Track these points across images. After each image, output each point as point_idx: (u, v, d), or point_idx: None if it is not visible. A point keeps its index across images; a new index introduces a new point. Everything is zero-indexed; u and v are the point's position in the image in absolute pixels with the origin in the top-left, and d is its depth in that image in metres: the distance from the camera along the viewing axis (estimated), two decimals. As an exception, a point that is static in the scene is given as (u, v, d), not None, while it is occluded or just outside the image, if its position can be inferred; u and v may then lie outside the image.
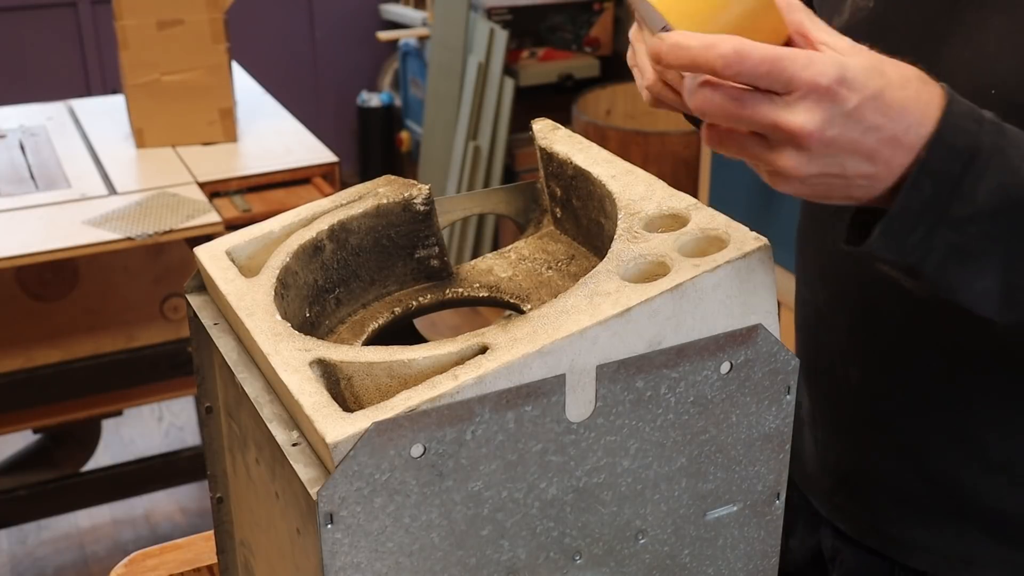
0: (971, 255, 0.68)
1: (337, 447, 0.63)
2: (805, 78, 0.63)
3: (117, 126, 2.85)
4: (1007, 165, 0.66)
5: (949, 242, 0.67)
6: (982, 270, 0.69)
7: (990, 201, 0.66)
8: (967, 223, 0.67)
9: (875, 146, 0.66)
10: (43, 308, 2.48)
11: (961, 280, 0.70)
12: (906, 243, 0.68)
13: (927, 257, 0.68)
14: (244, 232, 0.86)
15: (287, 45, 4.56)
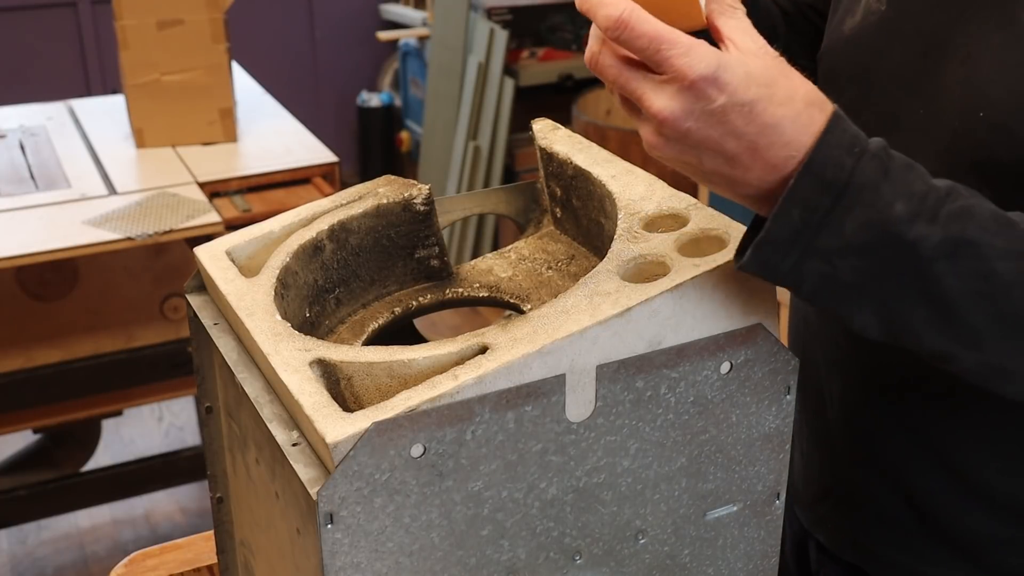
0: (844, 288, 0.67)
1: (337, 447, 0.63)
2: (676, 65, 0.63)
3: (117, 126, 2.85)
4: (878, 203, 0.65)
5: (820, 272, 0.67)
6: (860, 303, 0.68)
7: (859, 237, 0.65)
8: (836, 256, 0.66)
9: (735, 151, 0.65)
10: (43, 308, 2.48)
11: (842, 310, 0.69)
12: (778, 268, 0.67)
13: (801, 285, 0.68)
14: (244, 232, 0.86)
15: (287, 45, 4.56)
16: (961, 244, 0.66)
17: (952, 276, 0.66)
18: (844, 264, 0.66)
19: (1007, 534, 0.91)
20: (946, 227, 0.66)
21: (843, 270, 0.66)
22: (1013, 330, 0.67)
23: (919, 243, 0.65)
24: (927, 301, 0.67)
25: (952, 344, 0.68)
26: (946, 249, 0.65)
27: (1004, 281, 0.66)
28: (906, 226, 0.65)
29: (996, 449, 0.89)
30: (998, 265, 0.66)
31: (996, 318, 0.67)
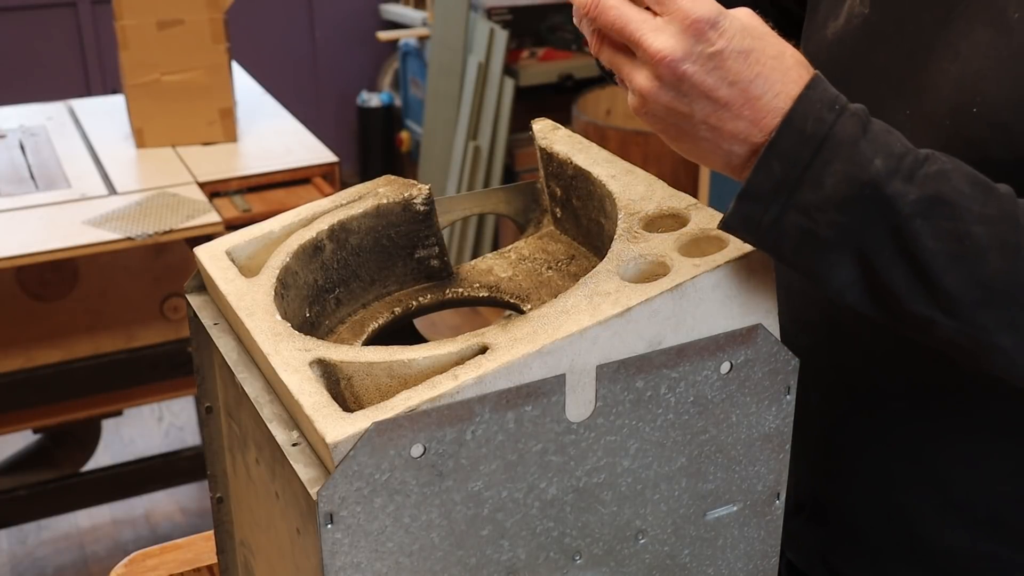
0: (824, 243, 0.67)
1: (337, 447, 0.63)
2: (680, 4, 0.65)
3: (117, 126, 2.85)
4: (857, 158, 0.66)
5: (801, 227, 0.67)
6: (839, 260, 0.68)
7: (838, 190, 0.66)
8: (815, 210, 0.66)
9: (728, 98, 0.66)
10: (43, 308, 2.48)
11: (822, 269, 0.69)
12: (760, 223, 0.68)
13: (782, 241, 0.68)
14: (244, 232, 0.86)
15: (287, 45, 4.56)
16: (937, 204, 0.66)
17: (928, 236, 0.66)
18: (824, 218, 0.66)
19: (987, 550, 0.90)
20: (923, 186, 0.66)
21: (823, 225, 0.66)
22: (988, 295, 0.67)
23: (896, 199, 0.65)
24: (905, 259, 0.67)
25: (930, 308, 0.68)
26: (922, 208, 0.66)
27: (979, 244, 0.66)
28: (884, 182, 0.65)
29: (978, 463, 0.88)
30: (974, 228, 0.66)
31: (972, 282, 0.67)
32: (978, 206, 0.67)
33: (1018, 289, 0.67)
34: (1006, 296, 0.67)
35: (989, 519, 0.90)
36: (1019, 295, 0.67)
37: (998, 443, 0.87)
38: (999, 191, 0.68)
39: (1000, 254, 0.66)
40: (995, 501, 0.89)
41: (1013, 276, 0.66)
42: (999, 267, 0.66)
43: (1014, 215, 0.67)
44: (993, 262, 0.66)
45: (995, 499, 0.89)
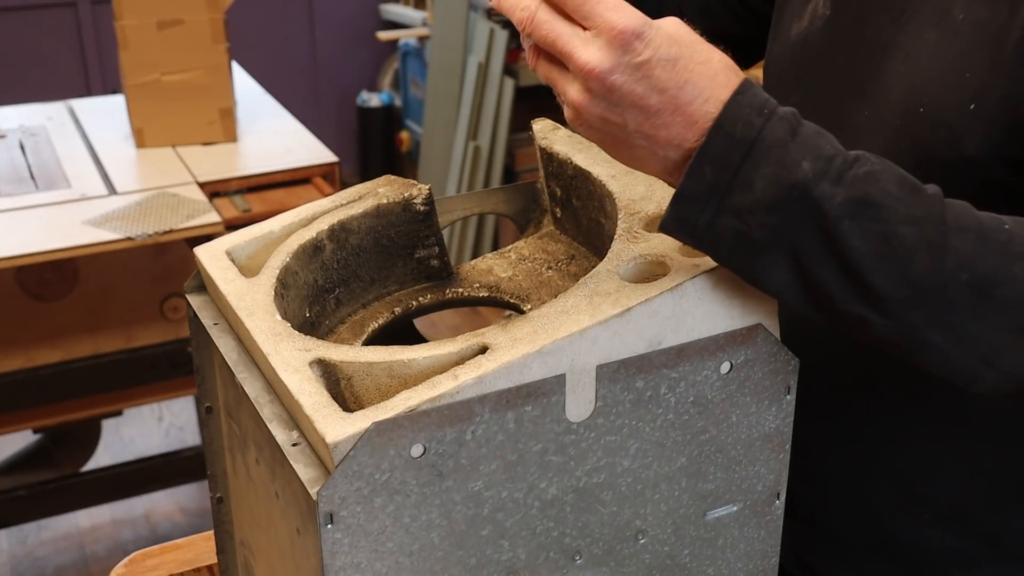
0: (757, 245, 0.68)
1: (337, 447, 0.63)
2: (606, 17, 0.65)
3: (117, 126, 2.85)
4: (785, 161, 0.67)
5: (734, 229, 0.68)
6: (774, 262, 0.68)
7: (767, 193, 0.66)
8: (747, 213, 0.67)
9: (658, 106, 0.67)
10: (43, 308, 2.48)
11: (758, 270, 0.69)
12: (696, 226, 0.68)
13: (718, 244, 0.69)
14: (244, 232, 0.86)
15: (287, 45, 4.56)
16: (864, 205, 0.67)
17: (855, 236, 0.67)
18: (755, 221, 0.67)
19: (953, 544, 0.91)
20: (851, 188, 0.67)
21: (755, 227, 0.67)
22: (917, 294, 0.67)
23: (823, 201, 0.66)
24: (835, 260, 0.67)
25: (862, 307, 0.68)
26: (849, 209, 0.66)
27: (905, 245, 0.67)
28: (812, 184, 0.66)
29: (938, 460, 0.89)
30: (900, 228, 0.67)
31: (900, 282, 0.67)
32: (904, 207, 0.67)
33: (944, 288, 0.67)
34: (933, 295, 0.67)
35: (953, 515, 0.91)
36: (946, 293, 0.67)
37: (955, 440, 0.89)
38: (926, 191, 0.69)
39: (926, 254, 0.67)
40: (957, 497, 0.90)
41: (939, 275, 0.67)
42: (925, 267, 0.67)
43: (940, 215, 0.68)
44: (919, 262, 0.67)
45: (957, 495, 0.90)
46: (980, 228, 0.68)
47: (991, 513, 0.91)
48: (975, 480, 0.90)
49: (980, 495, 0.90)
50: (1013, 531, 0.91)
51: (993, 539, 0.92)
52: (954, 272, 0.67)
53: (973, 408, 0.87)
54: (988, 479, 0.90)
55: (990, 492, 0.90)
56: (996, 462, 0.89)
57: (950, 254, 0.67)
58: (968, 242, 0.68)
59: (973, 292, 0.67)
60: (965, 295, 0.67)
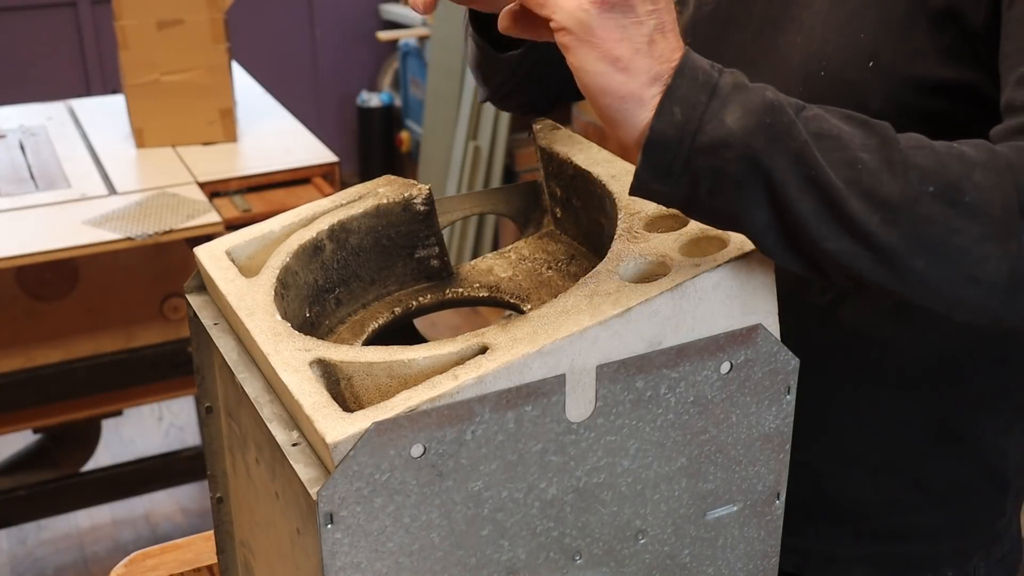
0: (735, 181, 0.69)
1: (337, 447, 0.63)
2: None
3: (117, 126, 2.85)
4: (750, 95, 0.69)
5: (711, 168, 0.68)
6: (753, 199, 0.69)
7: (739, 123, 0.68)
8: (722, 147, 0.68)
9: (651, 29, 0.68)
10: (43, 308, 2.48)
11: (739, 210, 0.70)
12: (671, 171, 0.69)
13: (695, 185, 0.69)
14: (244, 232, 0.86)
15: (287, 45, 4.56)
16: (823, 136, 0.69)
17: (824, 165, 0.68)
18: (731, 154, 0.68)
19: (887, 497, 0.97)
20: (807, 123, 0.69)
21: (731, 161, 0.68)
22: (891, 214, 0.68)
23: (793, 127, 0.68)
24: (811, 188, 0.68)
25: (841, 240, 0.69)
26: (813, 139, 0.68)
27: (870, 168, 0.69)
28: (779, 111, 0.68)
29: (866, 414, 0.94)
30: (861, 155, 0.69)
31: (873, 203, 0.68)
32: (859, 138, 0.70)
33: (915, 202, 0.68)
34: (906, 211, 0.68)
35: (885, 465, 0.96)
36: (917, 208, 0.68)
37: (882, 393, 0.93)
38: (872, 122, 0.71)
39: (890, 174, 0.68)
40: (886, 449, 0.95)
41: (907, 190, 0.68)
42: (893, 185, 0.68)
43: (893, 138, 0.70)
44: (886, 182, 0.68)
45: (887, 446, 0.95)
46: (933, 146, 0.70)
47: (920, 459, 0.95)
48: (902, 430, 0.94)
49: (907, 444, 0.95)
50: (939, 474, 0.96)
51: (924, 484, 0.97)
52: (920, 185, 0.68)
53: (898, 360, 0.92)
54: (914, 428, 0.94)
55: (917, 439, 0.95)
56: (921, 410, 0.94)
57: (913, 170, 0.69)
58: (927, 158, 0.69)
59: (942, 202, 0.69)
60: (936, 207, 0.68)
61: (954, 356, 0.92)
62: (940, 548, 1.00)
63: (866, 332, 0.92)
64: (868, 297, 0.90)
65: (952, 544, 1.00)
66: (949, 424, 0.94)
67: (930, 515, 0.98)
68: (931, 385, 0.93)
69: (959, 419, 0.94)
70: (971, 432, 0.95)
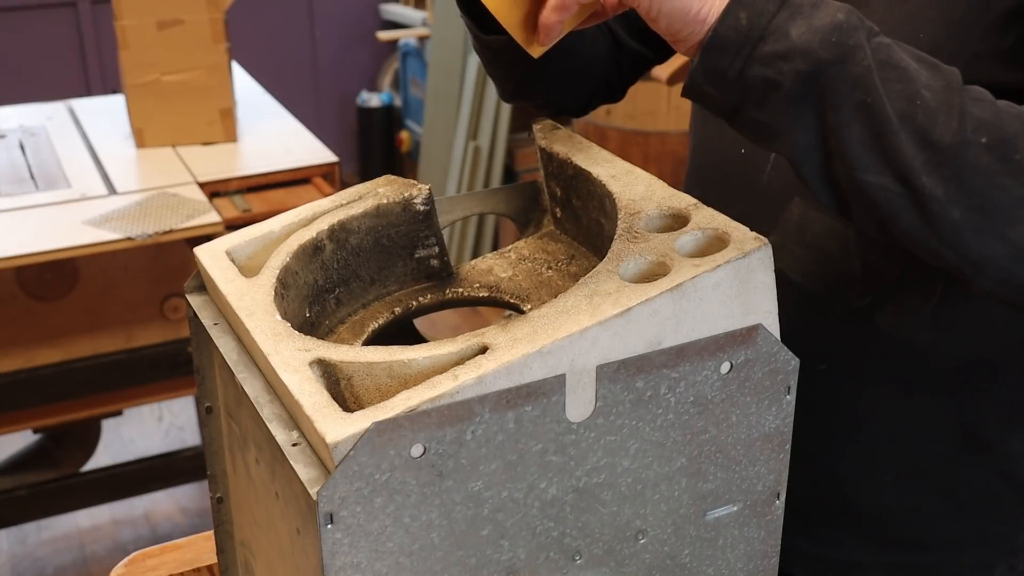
0: (788, 95, 0.68)
1: (337, 447, 0.63)
2: None
3: (117, 126, 2.85)
4: (821, 12, 0.68)
5: (765, 79, 0.68)
6: (801, 118, 0.69)
7: (805, 39, 0.67)
8: (781, 60, 0.67)
9: None
10: (43, 308, 2.48)
11: (783, 126, 0.70)
12: (724, 75, 0.69)
13: (747, 94, 0.69)
14: (244, 232, 0.86)
15: (287, 45, 4.56)
16: (889, 67, 0.68)
17: (883, 93, 0.68)
18: (789, 68, 0.67)
19: (912, 503, 0.95)
20: (876, 51, 0.68)
21: (788, 76, 0.68)
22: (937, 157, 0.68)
23: (858, 50, 0.67)
24: (862, 115, 0.68)
25: (881, 174, 0.69)
26: (878, 66, 0.68)
27: (928, 106, 0.68)
28: (849, 32, 0.68)
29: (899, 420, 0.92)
30: (923, 91, 0.68)
31: (922, 142, 0.68)
32: (924, 76, 0.69)
33: (965, 149, 0.68)
34: (954, 156, 0.68)
35: (912, 472, 0.94)
36: (967, 155, 0.68)
37: (913, 401, 0.91)
38: (942, 66, 0.71)
39: (947, 116, 0.68)
40: (916, 455, 0.93)
41: (960, 136, 0.68)
42: (947, 128, 0.68)
43: (958, 83, 0.70)
44: (941, 123, 0.68)
45: (916, 454, 0.93)
46: (995, 101, 0.70)
47: (947, 468, 0.94)
48: (933, 438, 0.92)
49: (935, 452, 0.93)
50: (965, 484, 0.94)
51: (949, 493, 0.95)
52: (974, 135, 0.68)
53: (932, 367, 0.90)
54: (942, 436, 0.92)
55: (946, 448, 0.93)
56: (950, 419, 0.92)
57: (969, 118, 0.68)
58: (986, 110, 0.69)
59: (992, 155, 0.68)
60: (985, 158, 0.68)
61: (988, 364, 0.90)
62: (961, 559, 0.98)
63: (902, 337, 0.89)
64: (907, 301, 0.88)
65: (974, 555, 0.98)
66: (977, 434, 0.92)
67: (953, 525, 0.96)
68: (962, 393, 0.91)
69: (988, 429, 0.92)
70: (999, 443, 0.93)
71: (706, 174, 1.02)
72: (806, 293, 0.91)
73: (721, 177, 0.98)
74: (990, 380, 0.91)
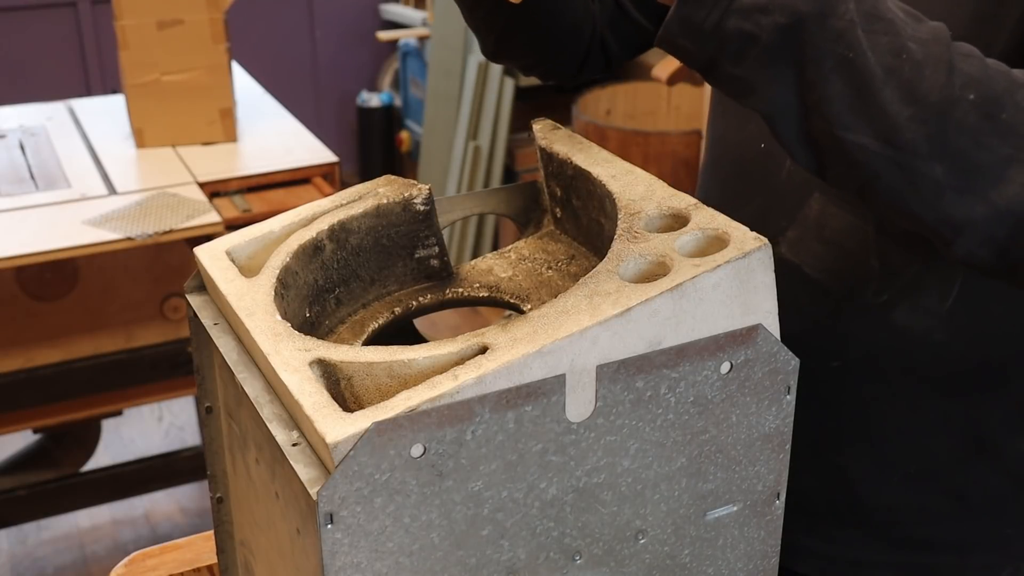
0: (766, 50, 0.66)
1: (337, 447, 0.63)
2: None
3: (117, 126, 2.85)
4: None
5: (742, 32, 0.66)
6: (778, 75, 0.67)
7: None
8: (759, 12, 0.65)
9: None
10: (43, 308, 2.48)
11: (759, 83, 0.67)
12: (701, 28, 0.66)
13: (724, 47, 0.67)
14: (244, 232, 0.86)
15: (287, 45, 4.56)
16: (875, 19, 0.66)
17: (867, 47, 0.65)
18: (767, 21, 0.65)
19: (920, 503, 0.94)
20: (861, 2, 0.66)
21: (766, 29, 0.65)
22: (922, 112, 0.66)
23: (840, 3, 0.65)
24: (844, 70, 0.66)
25: (862, 133, 0.66)
26: (862, 19, 0.66)
27: (915, 59, 0.66)
28: None
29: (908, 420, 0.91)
30: (910, 44, 0.66)
31: (907, 97, 0.66)
32: (911, 29, 0.67)
33: (952, 105, 0.66)
34: (940, 112, 0.66)
35: (921, 472, 0.93)
36: (953, 111, 0.66)
37: (926, 400, 0.90)
38: (929, 22, 0.69)
39: (935, 70, 0.66)
40: (926, 455, 0.92)
41: (947, 91, 0.66)
42: (934, 82, 0.66)
43: (946, 37, 0.68)
44: (928, 77, 0.66)
45: (925, 453, 0.92)
46: (983, 58, 0.68)
47: (957, 469, 0.93)
48: (944, 438, 0.92)
49: (947, 452, 0.92)
50: (975, 486, 0.94)
51: (958, 494, 0.94)
52: (961, 91, 0.66)
53: (946, 366, 0.89)
54: (953, 436, 0.92)
55: (956, 448, 0.92)
56: (962, 419, 0.91)
57: (957, 73, 0.66)
58: (974, 66, 0.67)
59: (979, 113, 0.66)
60: (971, 115, 0.66)
61: (1001, 365, 0.89)
62: (969, 560, 0.97)
63: (917, 335, 0.88)
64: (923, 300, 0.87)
65: (982, 558, 0.97)
66: (989, 435, 0.92)
67: (962, 526, 0.95)
68: (974, 395, 0.90)
69: (998, 431, 0.92)
70: (1011, 445, 0.93)
71: (724, 169, 1.01)
72: (823, 289, 0.90)
73: (739, 172, 0.97)
74: (1002, 382, 0.90)
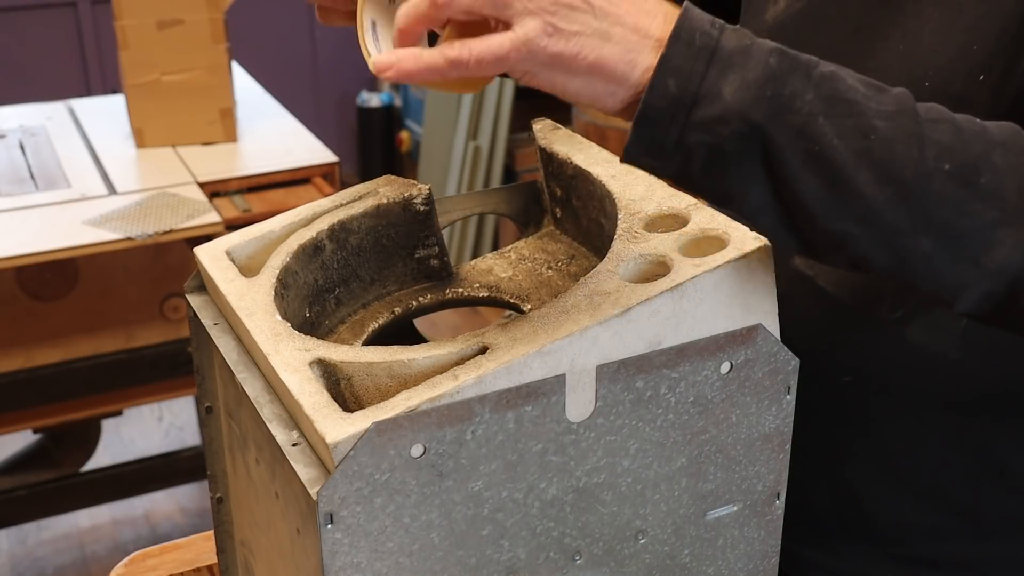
0: (731, 158, 0.65)
1: (337, 447, 0.63)
2: None
3: (117, 126, 2.85)
4: (750, 62, 0.65)
5: (706, 145, 0.65)
6: (750, 177, 0.66)
7: (738, 98, 0.64)
8: (718, 123, 0.64)
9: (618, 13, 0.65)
10: (43, 308, 2.48)
11: (733, 188, 0.67)
12: (663, 147, 0.66)
13: (689, 161, 0.66)
14: (244, 232, 0.86)
15: (287, 45, 4.56)
16: (835, 102, 0.65)
17: (832, 136, 0.65)
18: (727, 131, 0.64)
19: (931, 521, 0.93)
20: (819, 87, 0.65)
21: (728, 139, 0.65)
22: (901, 191, 0.65)
23: (796, 98, 0.64)
24: (813, 164, 0.65)
25: (844, 219, 0.66)
26: (822, 106, 0.65)
27: (884, 137, 0.65)
28: (782, 81, 0.64)
29: (921, 437, 0.90)
30: (876, 123, 0.65)
31: (883, 179, 0.65)
32: (875, 103, 0.66)
33: (929, 179, 0.65)
34: (918, 188, 0.65)
35: (932, 492, 0.92)
36: (931, 186, 0.65)
37: (938, 418, 0.89)
38: (892, 90, 0.68)
39: (906, 146, 0.65)
40: (937, 473, 0.91)
41: (922, 166, 0.65)
42: (907, 158, 0.65)
43: (913, 109, 0.67)
44: (900, 154, 0.65)
45: (937, 471, 0.91)
46: (953, 120, 0.67)
47: (969, 489, 0.92)
48: (956, 457, 0.91)
49: (959, 471, 0.91)
50: (988, 506, 0.93)
51: (969, 514, 0.93)
52: (936, 162, 0.65)
53: (961, 385, 0.88)
54: (968, 455, 0.91)
55: (969, 468, 0.91)
56: (976, 440, 0.90)
57: (929, 144, 0.65)
58: (945, 132, 0.66)
59: (958, 182, 0.65)
60: (950, 185, 0.65)
61: (1018, 386, 0.88)
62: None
63: (931, 353, 0.87)
64: (939, 317, 0.86)
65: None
66: (1003, 457, 0.91)
67: (971, 547, 0.94)
68: (990, 414, 0.89)
69: (1010, 453, 0.91)
70: (1021, 468, 0.91)
71: None
72: (837, 303, 0.89)
73: None
74: (1018, 404, 0.89)
